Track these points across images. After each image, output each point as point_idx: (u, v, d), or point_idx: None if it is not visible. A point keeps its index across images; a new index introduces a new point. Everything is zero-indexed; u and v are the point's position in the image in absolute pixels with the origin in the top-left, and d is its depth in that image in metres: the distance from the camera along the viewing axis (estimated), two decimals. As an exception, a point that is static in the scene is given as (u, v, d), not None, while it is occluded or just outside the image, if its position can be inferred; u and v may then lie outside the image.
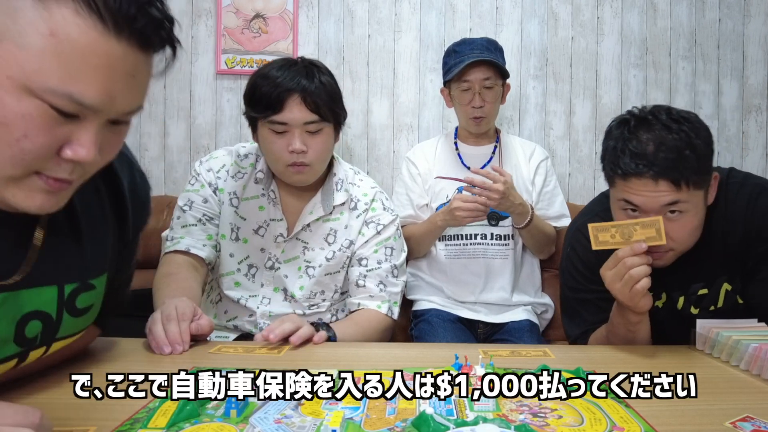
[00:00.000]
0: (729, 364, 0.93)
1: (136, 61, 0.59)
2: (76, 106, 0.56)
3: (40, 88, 0.54)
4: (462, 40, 1.73)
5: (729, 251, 1.12)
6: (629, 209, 1.04)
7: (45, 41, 0.53)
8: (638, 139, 1.00)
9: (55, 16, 0.53)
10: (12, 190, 0.59)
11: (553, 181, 1.80)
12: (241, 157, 1.39)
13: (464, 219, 1.56)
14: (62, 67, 0.54)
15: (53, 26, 0.53)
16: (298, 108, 1.23)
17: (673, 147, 0.98)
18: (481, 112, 1.68)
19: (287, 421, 0.67)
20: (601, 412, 0.70)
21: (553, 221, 1.76)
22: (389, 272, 1.37)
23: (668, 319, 1.18)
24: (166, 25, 0.60)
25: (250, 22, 2.05)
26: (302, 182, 1.32)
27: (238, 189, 1.36)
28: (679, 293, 1.17)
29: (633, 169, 0.98)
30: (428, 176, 1.76)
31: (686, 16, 2.09)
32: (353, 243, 1.38)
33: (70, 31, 0.53)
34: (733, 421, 0.69)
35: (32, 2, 0.53)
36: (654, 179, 0.97)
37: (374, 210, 1.40)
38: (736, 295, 1.14)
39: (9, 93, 0.53)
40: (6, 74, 0.53)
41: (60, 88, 0.54)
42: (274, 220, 1.36)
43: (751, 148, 2.10)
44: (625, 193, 1.02)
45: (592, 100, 2.11)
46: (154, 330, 0.95)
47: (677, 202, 0.99)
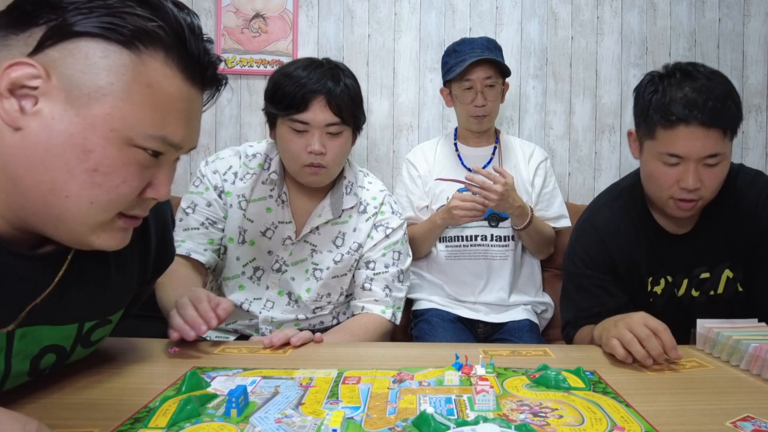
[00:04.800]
0: (729, 364, 0.93)
1: (200, 102, 0.68)
2: (165, 147, 0.63)
3: (139, 135, 0.60)
4: (462, 40, 1.73)
5: (733, 241, 1.17)
6: (669, 163, 1.08)
7: (144, 92, 0.59)
8: (687, 89, 1.04)
9: (149, 70, 0.60)
10: (98, 234, 0.64)
11: (553, 182, 1.80)
12: (249, 157, 1.36)
13: (461, 218, 1.56)
14: (157, 114, 0.61)
15: (149, 79, 0.60)
16: (322, 109, 1.22)
17: (719, 96, 1.03)
18: (483, 110, 1.68)
19: (288, 421, 0.67)
20: (601, 411, 0.70)
21: (552, 222, 1.76)
22: (395, 277, 1.36)
23: (666, 308, 1.20)
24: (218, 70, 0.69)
25: (250, 21, 2.05)
26: (317, 183, 1.31)
27: (246, 191, 1.33)
28: (682, 276, 1.21)
29: (685, 115, 1.02)
30: (428, 178, 1.76)
31: (686, 16, 2.09)
32: (362, 246, 1.37)
33: (162, 81, 0.61)
34: (733, 420, 0.69)
35: (131, 59, 0.58)
36: (704, 126, 1.02)
37: (383, 213, 1.39)
38: (736, 283, 1.19)
39: (113, 144, 0.59)
40: (111, 128, 0.58)
41: (156, 133, 0.61)
42: (282, 223, 1.34)
43: (751, 148, 2.10)
44: (669, 144, 1.06)
45: (592, 99, 2.11)
46: (174, 323, 0.94)
47: (717, 155, 1.05)
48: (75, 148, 0.57)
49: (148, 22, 0.59)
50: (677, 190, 1.09)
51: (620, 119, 2.10)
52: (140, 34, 0.58)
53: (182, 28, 0.62)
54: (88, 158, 0.58)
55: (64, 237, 0.64)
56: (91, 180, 0.59)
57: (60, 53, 0.56)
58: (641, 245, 1.21)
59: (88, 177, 0.58)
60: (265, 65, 2.04)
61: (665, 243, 1.21)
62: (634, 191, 1.26)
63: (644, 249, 1.21)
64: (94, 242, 0.64)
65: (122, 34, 0.58)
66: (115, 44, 0.58)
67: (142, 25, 0.58)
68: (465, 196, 1.56)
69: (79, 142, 0.57)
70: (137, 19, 0.58)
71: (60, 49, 0.56)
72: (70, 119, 0.57)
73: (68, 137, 0.57)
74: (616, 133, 2.10)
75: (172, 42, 0.61)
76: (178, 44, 0.61)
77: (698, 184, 1.07)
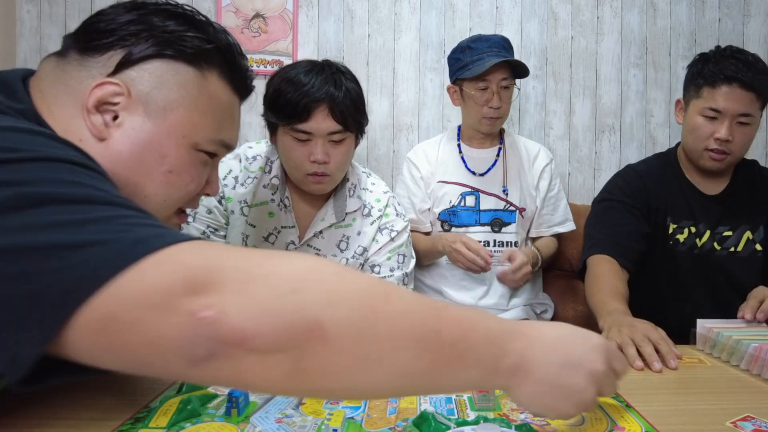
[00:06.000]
0: (729, 364, 0.93)
1: (239, 109, 0.77)
2: (221, 149, 0.73)
3: (203, 139, 0.69)
4: (477, 36, 1.66)
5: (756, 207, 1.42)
6: (709, 116, 1.33)
7: (207, 103, 0.69)
8: (733, 59, 1.32)
9: (209, 83, 0.69)
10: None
11: (558, 184, 1.77)
12: (249, 160, 1.33)
13: (457, 262, 1.54)
14: (216, 121, 0.71)
15: (210, 91, 0.69)
16: (325, 118, 1.19)
17: (759, 69, 1.32)
18: (498, 112, 1.63)
19: (288, 421, 0.67)
20: (601, 411, 0.71)
21: (558, 227, 1.73)
22: (400, 280, 1.35)
23: (685, 260, 1.41)
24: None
25: (250, 21, 2.05)
26: (321, 191, 1.29)
27: (248, 196, 1.31)
28: (705, 226, 1.42)
29: (729, 77, 1.30)
30: (431, 180, 1.72)
31: (686, 16, 2.09)
32: (367, 250, 1.35)
33: (219, 92, 0.71)
34: (733, 420, 0.69)
35: (195, 75, 0.68)
36: (743, 87, 1.30)
37: (387, 216, 1.37)
38: (755, 244, 1.42)
39: (184, 149, 0.68)
40: (182, 134, 0.67)
41: (216, 137, 0.71)
42: (285, 227, 1.32)
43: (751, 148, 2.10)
44: (712, 100, 1.32)
45: (592, 99, 2.11)
46: None
47: (748, 115, 1.32)
48: (153, 153, 0.66)
49: (206, 44, 0.69)
50: (712, 142, 1.34)
51: (620, 119, 2.10)
52: (202, 54, 0.68)
53: (230, 46, 0.73)
54: (164, 161, 0.67)
55: None
56: (166, 180, 0.67)
57: (137, 72, 0.65)
58: (673, 194, 1.44)
59: (164, 178, 0.67)
60: (265, 65, 2.04)
61: (696, 198, 1.43)
62: (669, 156, 1.51)
63: (675, 198, 1.43)
64: None
65: (188, 54, 0.67)
66: (182, 63, 0.67)
67: (202, 45, 0.68)
68: (471, 245, 1.50)
69: (157, 148, 0.66)
70: (197, 41, 0.68)
71: (137, 69, 0.65)
72: (149, 129, 0.65)
73: (147, 144, 0.65)
74: (616, 133, 2.10)
75: (224, 59, 0.71)
76: (227, 61, 0.72)
77: (730, 137, 1.32)
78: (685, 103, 1.43)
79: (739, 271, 1.41)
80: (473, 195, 1.68)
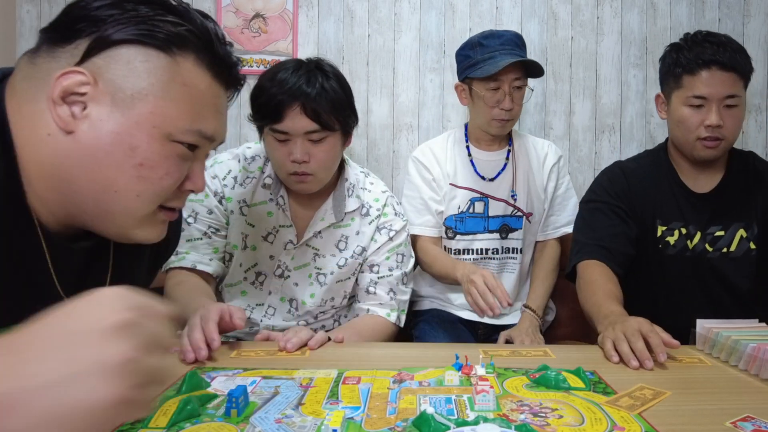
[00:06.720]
0: (729, 364, 0.93)
1: (226, 99, 0.73)
2: (201, 140, 0.68)
3: (178, 130, 0.65)
4: (489, 32, 1.57)
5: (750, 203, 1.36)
6: (694, 104, 1.29)
7: (180, 91, 0.65)
8: (706, 44, 1.29)
9: (183, 70, 0.65)
10: (142, 227, 0.68)
11: (566, 182, 1.72)
12: (248, 160, 1.34)
13: (467, 294, 1.32)
14: (193, 110, 0.66)
15: (184, 78, 0.65)
16: (298, 117, 1.18)
17: (734, 48, 1.29)
18: (509, 114, 1.55)
19: (288, 421, 0.67)
20: (601, 411, 0.71)
21: (565, 227, 1.69)
22: (399, 280, 1.35)
23: (676, 263, 1.36)
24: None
25: (250, 21, 2.05)
26: (306, 191, 1.28)
27: (247, 196, 1.31)
28: (696, 227, 1.36)
29: (706, 61, 1.26)
30: (443, 182, 1.64)
31: (686, 16, 2.09)
32: (365, 250, 1.35)
33: (194, 79, 0.66)
34: (733, 420, 0.69)
35: (167, 61, 0.63)
36: (723, 69, 1.26)
37: (386, 215, 1.37)
38: (749, 242, 1.36)
39: (156, 140, 0.64)
40: (153, 124, 0.63)
41: (193, 127, 0.66)
42: (283, 227, 1.32)
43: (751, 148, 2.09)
44: (694, 87, 1.29)
45: (591, 99, 2.10)
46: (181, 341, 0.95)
47: (734, 96, 1.28)
48: (122, 145, 0.62)
49: (179, 28, 0.64)
50: (703, 130, 1.29)
51: (620, 119, 2.10)
52: (173, 39, 0.64)
53: (208, 32, 0.68)
54: (134, 154, 0.63)
55: (111, 231, 0.68)
56: (138, 174, 0.64)
57: (104, 60, 0.61)
58: (661, 193, 1.39)
59: (135, 171, 0.64)
60: (265, 65, 2.04)
61: (686, 198, 1.38)
62: (659, 153, 1.46)
63: (664, 197, 1.39)
64: (137, 235, 0.69)
65: (158, 39, 0.63)
66: (152, 49, 0.63)
67: (174, 30, 0.64)
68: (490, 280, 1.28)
69: (126, 140, 0.62)
70: (169, 25, 0.64)
71: (104, 57, 0.61)
72: (117, 120, 0.62)
73: (116, 136, 0.62)
74: (616, 133, 2.10)
75: (201, 44, 0.67)
76: (205, 46, 0.67)
77: (720, 122, 1.27)
78: (666, 96, 1.38)
79: (733, 273, 1.36)
80: (482, 201, 1.64)
